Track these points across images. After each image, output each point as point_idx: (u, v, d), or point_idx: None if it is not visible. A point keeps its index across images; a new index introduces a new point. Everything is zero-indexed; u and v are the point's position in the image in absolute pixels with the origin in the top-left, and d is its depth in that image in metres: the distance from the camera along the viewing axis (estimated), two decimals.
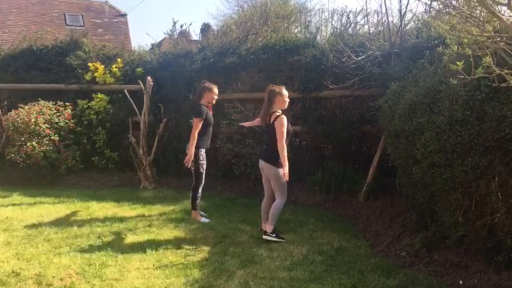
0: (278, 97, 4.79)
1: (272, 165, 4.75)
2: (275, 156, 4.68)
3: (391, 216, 5.44)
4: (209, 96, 5.56)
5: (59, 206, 6.22)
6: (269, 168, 4.79)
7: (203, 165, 5.55)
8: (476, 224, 3.76)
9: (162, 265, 4.10)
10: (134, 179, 8.04)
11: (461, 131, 3.61)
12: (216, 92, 5.61)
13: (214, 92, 5.58)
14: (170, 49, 9.30)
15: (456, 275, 3.77)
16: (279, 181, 4.74)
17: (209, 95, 5.56)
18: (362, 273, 3.90)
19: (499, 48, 2.93)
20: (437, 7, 5.11)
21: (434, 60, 4.79)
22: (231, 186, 7.69)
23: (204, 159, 5.57)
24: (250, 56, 7.77)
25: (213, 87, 5.61)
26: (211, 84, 5.65)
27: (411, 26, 7.15)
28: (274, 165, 4.73)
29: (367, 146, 7.16)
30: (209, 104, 5.61)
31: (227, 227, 5.29)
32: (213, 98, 5.59)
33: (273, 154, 4.72)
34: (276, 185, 4.81)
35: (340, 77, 6.71)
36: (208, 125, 5.57)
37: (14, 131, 7.61)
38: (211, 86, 5.61)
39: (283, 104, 4.84)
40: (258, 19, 10.97)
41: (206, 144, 5.63)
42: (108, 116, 8.50)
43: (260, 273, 3.90)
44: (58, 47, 9.03)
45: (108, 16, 19.45)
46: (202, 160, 5.54)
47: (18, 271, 3.87)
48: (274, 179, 4.78)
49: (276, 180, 4.76)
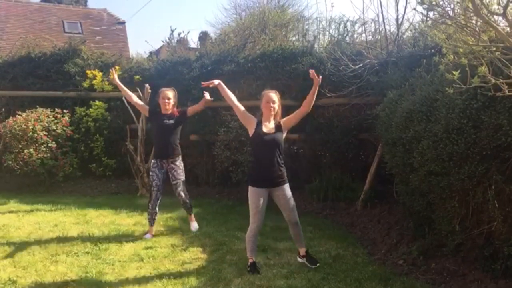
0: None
1: (287, 184, 4.18)
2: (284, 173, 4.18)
3: (389, 224, 5.44)
4: (160, 100, 5.26)
5: (56, 214, 6.20)
6: (286, 188, 4.16)
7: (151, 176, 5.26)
8: (473, 232, 3.78)
9: (159, 273, 4.09)
10: (132, 187, 8.02)
11: (458, 140, 3.63)
12: (162, 95, 5.20)
13: (161, 96, 5.23)
14: (168, 57, 9.33)
15: (453, 283, 3.77)
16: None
17: (160, 100, 5.26)
18: (359, 281, 3.89)
19: (494, 58, 2.96)
20: (433, 17, 5.15)
21: (431, 69, 4.83)
22: (229, 193, 7.68)
23: (151, 170, 5.27)
24: (248, 64, 7.80)
25: (161, 91, 5.25)
26: (164, 88, 5.31)
27: (408, 35, 7.21)
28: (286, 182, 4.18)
29: (365, 154, 7.17)
30: (164, 109, 5.24)
31: (225, 235, 5.28)
32: (162, 102, 5.21)
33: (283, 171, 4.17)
34: (294, 205, 4.18)
35: (337, 85, 6.75)
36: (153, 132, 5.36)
37: (11, 138, 7.60)
38: (161, 90, 5.29)
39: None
40: (256, 27, 11.04)
41: (155, 154, 5.38)
42: (106, 123, 8.51)
43: (258, 281, 3.89)
44: (56, 55, 9.05)
45: (106, 24, 19.49)
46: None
47: (15, 278, 3.86)
48: (291, 197, 4.17)
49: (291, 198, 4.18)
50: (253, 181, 4.10)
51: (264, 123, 4.13)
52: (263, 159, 4.08)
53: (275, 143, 4.05)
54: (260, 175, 4.08)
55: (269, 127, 4.11)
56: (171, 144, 5.17)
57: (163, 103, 5.20)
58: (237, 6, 20.23)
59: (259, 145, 4.12)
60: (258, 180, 4.07)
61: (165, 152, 5.19)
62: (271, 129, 4.10)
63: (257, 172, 4.13)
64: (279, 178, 4.09)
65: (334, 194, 6.72)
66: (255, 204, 4.01)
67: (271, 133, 4.08)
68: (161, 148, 5.23)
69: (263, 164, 4.08)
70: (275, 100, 4.14)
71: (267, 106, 4.12)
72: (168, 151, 5.18)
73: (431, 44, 5.89)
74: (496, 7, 2.81)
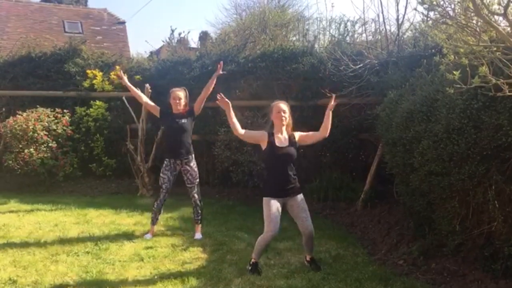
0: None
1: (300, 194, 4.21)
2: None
3: (389, 224, 5.44)
4: (171, 101, 5.26)
5: (56, 213, 6.21)
6: (300, 198, 4.18)
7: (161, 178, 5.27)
8: (473, 232, 3.78)
9: (159, 273, 4.09)
10: (132, 186, 8.03)
11: (458, 140, 3.63)
12: (173, 96, 5.21)
13: (172, 96, 5.23)
14: (169, 57, 9.33)
15: (454, 283, 3.77)
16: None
17: (171, 100, 5.25)
18: (359, 281, 3.89)
19: (495, 58, 2.96)
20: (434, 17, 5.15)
21: (431, 69, 4.83)
22: (229, 193, 7.69)
23: (163, 172, 5.25)
24: (248, 64, 7.79)
25: (172, 91, 5.26)
26: (175, 89, 5.32)
27: (409, 35, 7.21)
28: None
29: (365, 154, 7.18)
30: (175, 109, 5.25)
31: (225, 235, 5.28)
32: (173, 102, 5.22)
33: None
34: (308, 215, 4.16)
35: (338, 85, 6.73)
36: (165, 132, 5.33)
37: (12, 138, 7.59)
38: (172, 90, 5.30)
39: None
40: (257, 27, 11.04)
41: (168, 154, 5.32)
42: (106, 123, 8.51)
43: (258, 281, 3.89)
44: (56, 54, 9.04)
45: (107, 24, 19.49)
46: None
47: (15, 278, 3.86)
48: (305, 207, 4.18)
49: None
50: (267, 192, 4.10)
51: (276, 135, 4.10)
52: (277, 172, 4.09)
53: (288, 157, 4.06)
54: (274, 186, 4.08)
55: (282, 139, 4.09)
56: (183, 143, 5.18)
57: (174, 103, 5.20)
58: (238, 6, 20.25)
59: (272, 159, 4.11)
60: (272, 191, 4.08)
61: (178, 152, 5.18)
62: (283, 141, 4.09)
63: (271, 183, 4.13)
64: (293, 189, 4.10)
65: (334, 194, 6.73)
66: (270, 214, 3.98)
67: (285, 146, 4.07)
68: (173, 148, 5.21)
69: (276, 177, 4.09)
70: (285, 110, 4.11)
71: (278, 116, 4.08)
72: (181, 150, 5.17)
73: (431, 44, 5.89)
74: (497, 7, 2.82)
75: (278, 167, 4.09)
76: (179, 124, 5.18)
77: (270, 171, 4.21)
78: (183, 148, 5.17)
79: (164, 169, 5.22)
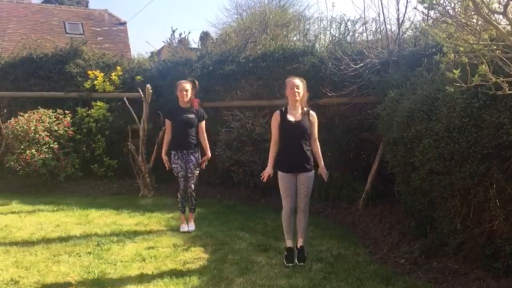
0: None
1: (312, 171, 4.35)
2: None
3: (390, 223, 5.44)
4: (178, 93, 5.48)
5: (58, 214, 6.22)
6: (309, 175, 4.34)
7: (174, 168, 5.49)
8: (475, 231, 3.77)
9: (161, 272, 4.10)
10: (133, 187, 8.04)
11: (459, 138, 3.63)
12: (180, 88, 5.45)
13: (178, 88, 5.47)
14: (169, 57, 9.34)
15: (455, 282, 3.77)
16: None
17: (178, 92, 5.48)
18: (361, 280, 3.89)
19: (495, 56, 2.96)
20: (434, 16, 5.15)
21: (432, 68, 4.83)
22: (230, 193, 7.68)
23: (174, 162, 5.48)
24: (249, 64, 7.79)
25: (179, 83, 5.50)
26: (181, 81, 5.57)
27: (409, 34, 7.19)
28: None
29: (366, 154, 7.16)
30: (182, 101, 5.50)
31: (226, 235, 5.28)
32: (180, 94, 5.45)
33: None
34: (309, 194, 4.36)
35: (338, 85, 6.73)
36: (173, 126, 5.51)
37: (13, 139, 7.61)
38: (178, 82, 5.54)
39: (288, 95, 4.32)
40: (257, 27, 11.03)
41: (174, 146, 5.50)
42: (107, 124, 8.53)
43: (259, 281, 3.90)
44: (57, 55, 9.07)
45: (107, 24, 19.52)
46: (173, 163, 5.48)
47: (17, 279, 3.87)
48: (310, 186, 4.35)
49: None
50: (281, 166, 4.26)
51: (291, 111, 4.25)
52: (290, 146, 4.24)
53: (300, 129, 4.21)
54: (287, 161, 4.24)
55: (296, 115, 4.24)
56: (189, 136, 5.42)
57: (181, 95, 5.43)
58: (238, 6, 20.28)
59: (285, 132, 4.24)
60: (285, 166, 4.23)
61: (184, 144, 5.41)
62: (297, 116, 4.23)
63: (284, 158, 4.27)
64: (305, 164, 4.24)
65: (335, 193, 6.72)
66: (285, 189, 4.21)
67: (298, 120, 4.21)
68: (180, 140, 5.43)
69: (289, 151, 4.24)
70: (298, 85, 4.25)
71: (292, 92, 4.22)
72: (187, 142, 5.42)
73: (432, 43, 5.88)
74: (497, 6, 2.82)
75: (291, 141, 4.23)
76: (187, 118, 5.41)
77: (283, 145, 4.32)
78: (189, 139, 5.41)
79: (173, 160, 5.44)
